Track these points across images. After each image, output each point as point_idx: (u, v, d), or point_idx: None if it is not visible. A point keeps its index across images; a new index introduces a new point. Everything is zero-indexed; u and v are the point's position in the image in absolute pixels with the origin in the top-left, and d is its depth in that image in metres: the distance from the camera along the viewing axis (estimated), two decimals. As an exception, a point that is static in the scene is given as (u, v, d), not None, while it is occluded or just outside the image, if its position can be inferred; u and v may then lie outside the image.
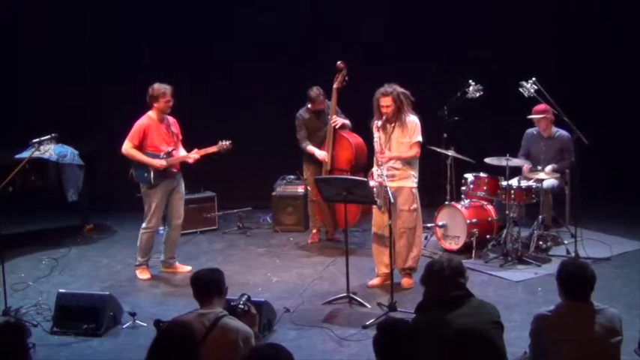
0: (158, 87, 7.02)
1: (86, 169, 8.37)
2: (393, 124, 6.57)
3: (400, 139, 6.56)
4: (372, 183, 6.39)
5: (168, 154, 7.08)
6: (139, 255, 7.24)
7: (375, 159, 6.59)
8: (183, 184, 7.32)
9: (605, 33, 9.12)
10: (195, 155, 7.19)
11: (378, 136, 6.53)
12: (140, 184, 7.13)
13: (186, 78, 9.49)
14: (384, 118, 6.50)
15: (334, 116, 7.87)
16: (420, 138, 6.59)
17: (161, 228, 7.47)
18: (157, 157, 7.04)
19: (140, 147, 7.03)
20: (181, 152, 7.27)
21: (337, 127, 7.88)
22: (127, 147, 7.03)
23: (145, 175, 7.04)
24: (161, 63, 9.45)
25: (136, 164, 7.06)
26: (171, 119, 7.22)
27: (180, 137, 7.30)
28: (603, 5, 9.08)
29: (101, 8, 9.64)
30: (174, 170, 7.19)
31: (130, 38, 9.55)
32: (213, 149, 7.17)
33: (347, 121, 7.95)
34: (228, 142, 7.16)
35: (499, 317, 3.96)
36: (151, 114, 7.08)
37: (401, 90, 6.53)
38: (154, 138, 7.05)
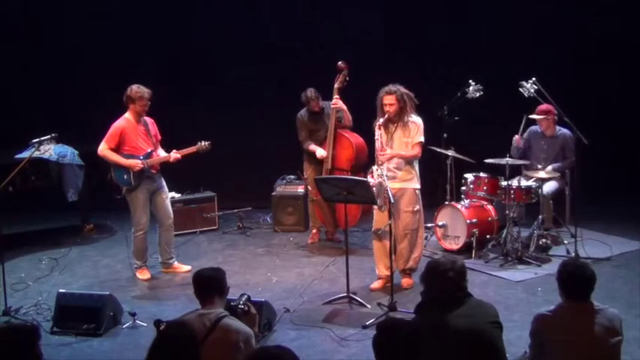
0: (137, 89, 6.96)
1: (86, 169, 8.38)
2: (395, 124, 6.56)
3: (402, 139, 6.55)
4: (371, 181, 6.38)
5: (148, 155, 7.04)
6: (135, 259, 7.24)
7: (375, 157, 6.57)
8: (165, 185, 7.25)
9: (606, 33, 9.11)
10: (176, 155, 7.13)
11: (379, 134, 6.50)
12: (121, 187, 7.08)
13: (187, 78, 9.51)
14: (386, 116, 6.50)
15: (335, 97, 7.76)
16: (421, 138, 6.58)
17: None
18: (136, 157, 6.99)
19: (117, 149, 6.98)
20: (161, 153, 7.19)
21: (337, 107, 7.78)
22: (103, 148, 6.99)
23: (125, 176, 7.00)
24: (161, 63, 9.45)
25: (114, 166, 7.02)
26: (149, 120, 7.15)
27: (159, 138, 7.23)
28: (603, 4, 9.07)
29: (101, 8, 9.63)
30: (154, 171, 7.12)
31: (130, 38, 9.53)
32: (192, 149, 7.14)
33: (349, 116, 7.87)
34: (207, 143, 7.12)
35: (498, 317, 3.96)
36: (128, 115, 7.02)
37: (405, 91, 6.53)
38: (132, 139, 7.00)
